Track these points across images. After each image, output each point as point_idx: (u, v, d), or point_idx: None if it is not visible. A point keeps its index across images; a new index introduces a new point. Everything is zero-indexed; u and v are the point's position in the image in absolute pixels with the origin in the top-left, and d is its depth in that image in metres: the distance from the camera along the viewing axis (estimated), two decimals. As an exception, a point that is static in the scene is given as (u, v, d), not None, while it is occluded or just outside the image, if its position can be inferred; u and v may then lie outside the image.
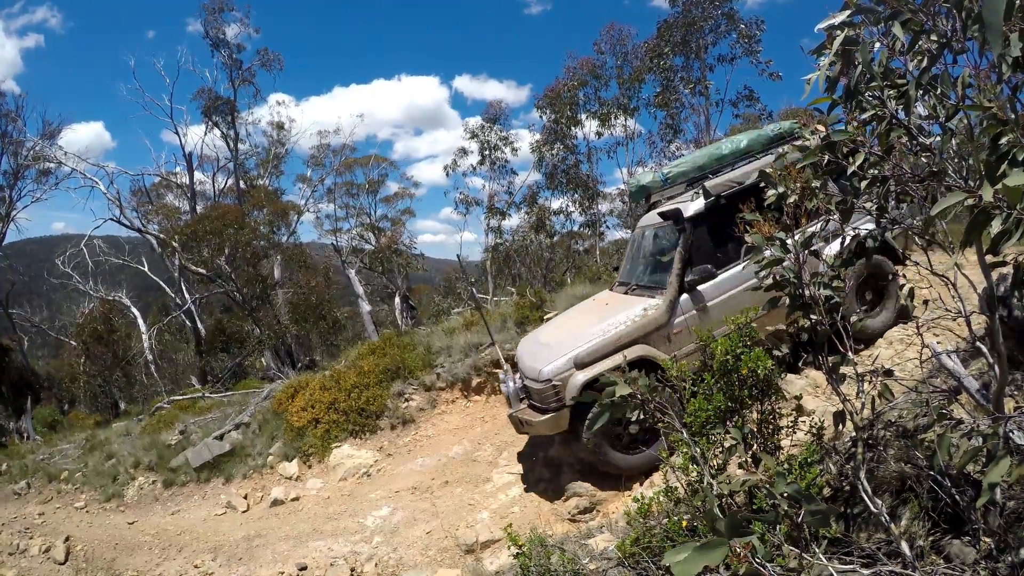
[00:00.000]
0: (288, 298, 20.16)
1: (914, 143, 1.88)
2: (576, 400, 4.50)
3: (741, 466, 2.57)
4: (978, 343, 2.14)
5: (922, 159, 1.91)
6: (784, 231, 2.20)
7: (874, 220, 2.11)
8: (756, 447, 2.65)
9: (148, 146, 57.56)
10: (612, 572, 2.80)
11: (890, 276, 5.13)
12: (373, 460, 6.97)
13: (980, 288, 2.04)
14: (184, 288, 19.91)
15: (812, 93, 1.92)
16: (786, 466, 2.39)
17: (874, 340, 4.95)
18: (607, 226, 20.03)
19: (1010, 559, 1.78)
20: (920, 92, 1.77)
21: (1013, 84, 1.60)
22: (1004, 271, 2.52)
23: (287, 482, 7.03)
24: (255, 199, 21.53)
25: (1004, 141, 1.40)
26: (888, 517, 1.99)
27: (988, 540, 1.87)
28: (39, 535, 6.59)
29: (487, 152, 20.82)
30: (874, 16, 1.76)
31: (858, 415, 2.29)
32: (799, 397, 2.90)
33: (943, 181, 1.82)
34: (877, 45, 1.83)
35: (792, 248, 2.20)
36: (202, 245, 16.47)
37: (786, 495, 1.79)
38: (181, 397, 12.49)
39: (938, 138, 1.88)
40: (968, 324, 2.13)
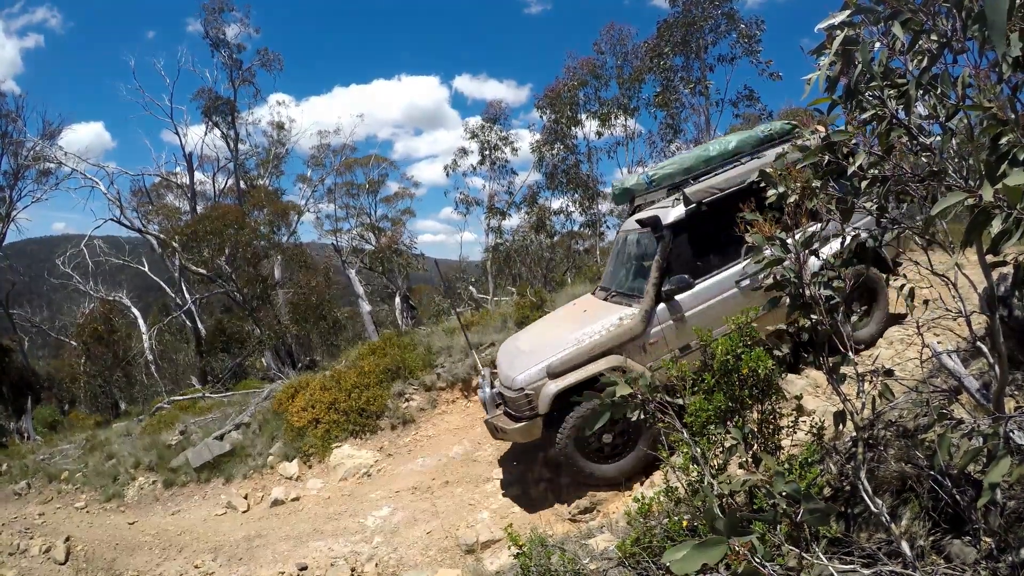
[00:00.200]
0: (288, 298, 20.16)
1: (914, 143, 1.88)
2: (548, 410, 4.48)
3: (741, 466, 2.57)
4: (978, 343, 2.14)
5: (922, 159, 1.91)
6: (784, 231, 2.20)
7: (874, 220, 2.12)
8: (756, 447, 2.65)
9: (148, 146, 57.69)
10: (612, 572, 2.80)
11: (879, 286, 5.02)
12: (373, 460, 6.97)
13: (980, 288, 2.04)
14: (184, 288, 19.92)
15: (812, 93, 1.92)
16: (786, 466, 2.39)
17: (859, 351, 4.86)
18: (607, 226, 20.00)
19: (1011, 559, 1.78)
20: (920, 92, 1.77)
21: (1013, 84, 1.60)
22: (1004, 271, 2.52)
23: (287, 482, 7.04)
24: (255, 199, 21.54)
25: (1004, 141, 1.40)
26: (888, 517, 1.99)
27: (989, 540, 1.87)
28: (39, 535, 6.59)
29: (487, 152, 20.82)
30: (874, 16, 1.76)
31: (858, 415, 2.29)
32: (799, 397, 2.90)
33: (943, 181, 1.82)
34: (877, 45, 1.83)
35: (792, 248, 2.20)
36: (202, 245, 16.47)
37: (786, 495, 1.80)
38: (181, 397, 12.49)
39: (938, 138, 1.88)
40: (968, 324, 2.13)
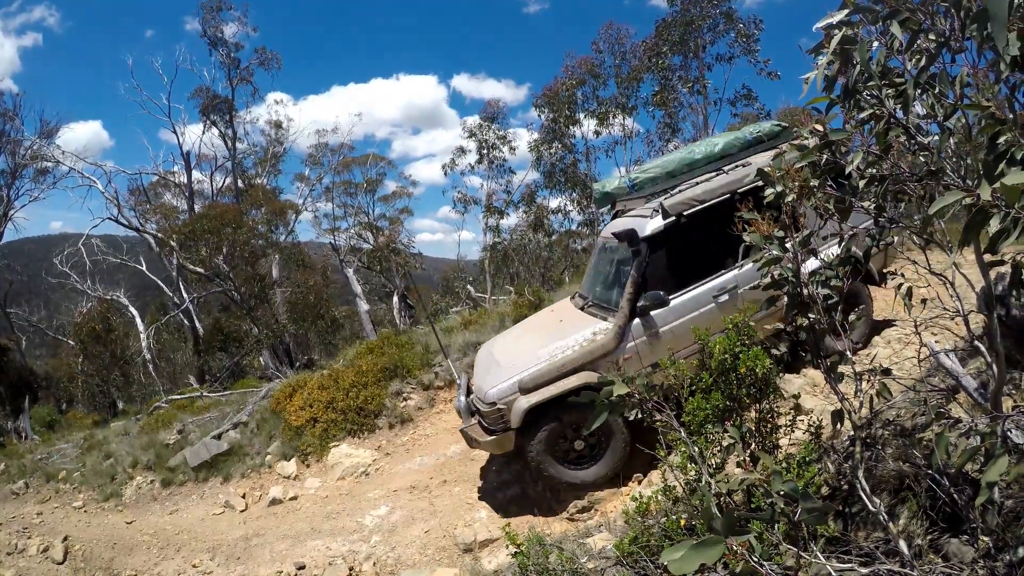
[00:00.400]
0: (286, 297, 20.14)
1: (912, 142, 1.88)
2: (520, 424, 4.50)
3: (739, 465, 2.57)
4: (976, 342, 2.14)
5: (920, 158, 1.92)
6: (784, 229, 2.21)
7: (872, 219, 2.12)
8: (754, 446, 2.65)
9: (146, 145, 57.26)
10: (610, 571, 2.80)
11: (863, 294, 4.87)
12: (371, 459, 6.96)
13: (978, 287, 2.04)
14: (182, 287, 19.88)
15: (810, 92, 1.92)
16: (784, 465, 2.40)
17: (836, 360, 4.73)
18: (605, 225, 19.96)
19: (1008, 558, 1.79)
20: (918, 91, 1.77)
21: (1011, 83, 1.60)
22: (1002, 270, 2.52)
23: (285, 481, 7.03)
24: (253, 198, 21.50)
25: (1002, 140, 1.40)
26: (886, 516, 1.99)
27: (986, 539, 1.87)
28: (37, 535, 6.57)
29: (485, 151, 20.79)
30: (872, 15, 1.76)
31: (856, 414, 2.30)
32: (797, 396, 2.90)
33: (941, 180, 1.82)
34: (875, 44, 1.83)
35: (791, 248, 2.20)
36: (200, 244, 16.43)
37: (784, 494, 1.80)
38: (179, 396, 12.45)
39: (936, 137, 1.88)
40: (966, 323, 2.13)
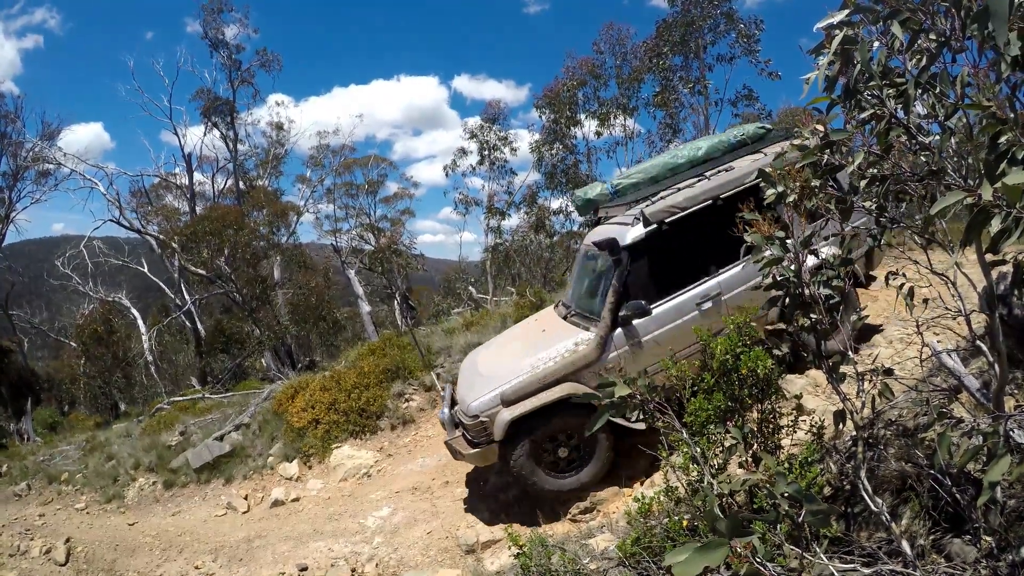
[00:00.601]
0: (288, 299, 20.16)
1: (913, 142, 1.88)
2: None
3: (741, 465, 2.57)
4: (978, 342, 2.14)
5: (921, 158, 1.91)
6: (784, 230, 2.21)
7: (873, 219, 2.12)
8: (756, 446, 2.65)
9: (147, 147, 56.46)
10: (613, 572, 2.80)
11: (849, 298, 4.68)
12: (373, 460, 6.97)
13: (980, 287, 2.04)
14: (184, 289, 19.91)
15: (811, 92, 1.92)
16: (786, 465, 2.39)
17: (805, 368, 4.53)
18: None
19: (1011, 558, 1.78)
20: (919, 91, 1.77)
21: (1012, 83, 1.60)
22: (1004, 270, 2.52)
23: (287, 483, 7.03)
24: (255, 200, 21.52)
25: (1003, 140, 1.40)
26: (889, 516, 1.99)
27: (989, 539, 1.87)
28: (40, 536, 6.59)
29: (486, 152, 20.80)
30: (873, 15, 1.76)
31: (858, 414, 2.29)
32: (799, 396, 2.90)
33: (942, 180, 1.82)
34: (876, 44, 1.83)
35: (791, 248, 2.20)
36: (202, 246, 16.45)
37: (787, 495, 1.79)
38: (181, 398, 12.47)
39: (937, 137, 1.88)
40: (968, 323, 2.13)
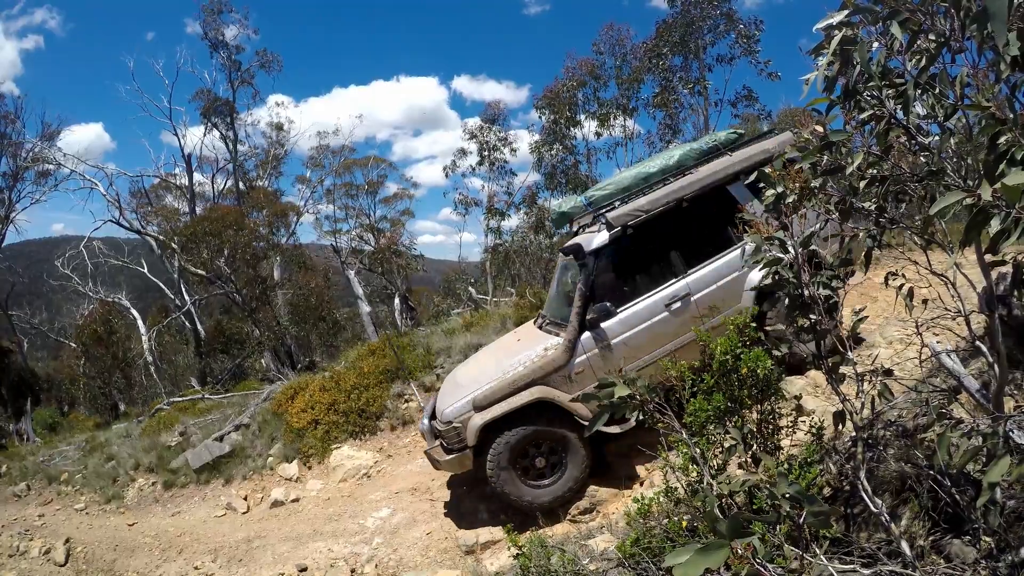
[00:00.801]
0: (288, 299, 20.13)
1: (913, 143, 1.88)
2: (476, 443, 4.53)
3: (741, 466, 2.57)
4: (978, 342, 2.14)
5: (921, 158, 1.92)
6: (783, 229, 2.21)
7: (873, 220, 2.12)
8: (756, 447, 2.65)
9: (147, 147, 56.37)
10: (612, 573, 2.80)
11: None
12: (373, 461, 6.97)
13: (979, 287, 2.04)
14: (184, 289, 19.90)
15: (810, 93, 1.92)
16: (786, 466, 2.39)
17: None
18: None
19: (1010, 558, 1.78)
20: (918, 91, 1.77)
21: (1012, 83, 1.60)
22: (1003, 270, 2.52)
23: (287, 483, 7.03)
24: (254, 200, 21.50)
25: (1003, 140, 1.40)
26: (888, 517, 1.99)
27: (988, 539, 1.87)
28: (39, 537, 6.58)
29: (486, 153, 20.80)
30: (872, 16, 1.76)
31: (858, 415, 2.29)
32: (799, 397, 2.90)
33: (942, 180, 1.82)
34: (875, 45, 1.83)
35: (791, 248, 2.20)
36: (201, 246, 16.42)
37: (787, 495, 1.79)
38: (181, 399, 12.46)
39: (937, 137, 1.88)
40: (968, 323, 2.13)
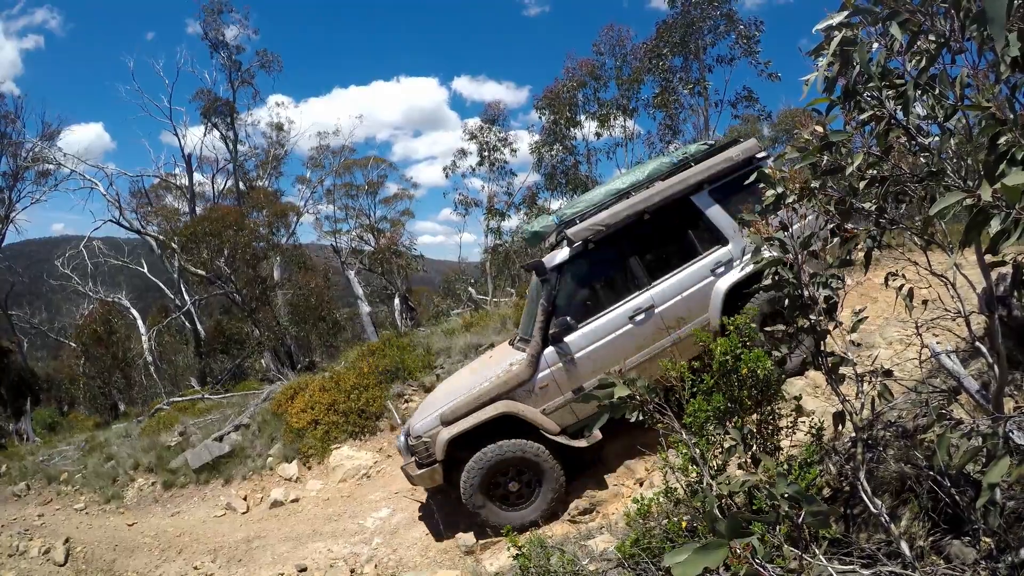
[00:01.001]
0: (288, 299, 20.12)
1: (913, 143, 1.88)
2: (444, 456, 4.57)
3: (741, 467, 2.57)
4: (977, 343, 2.14)
5: (921, 159, 1.92)
6: (783, 229, 2.21)
7: (873, 221, 2.11)
8: (756, 448, 2.65)
9: (147, 148, 56.29)
10: (612, 573, 2.80)
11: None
12: (373, 461, 6.96)
13: (979, 288, 2.04)
14: (184, 289, 19.89)
15: (810, 94, 1.92)
16: (786, 467, 2.39)
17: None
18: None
19: (1010, 559, 1.78)
20: (918, 92, 1.77)
21: (1012, 84, 1.60)
22: (1003, 271, 2.52)
23: (287, 483, 7.03)
24: (254, 200, 21.51)
25: (1003, 141, 1.40)
26: (888, 517, 1.99)
27: (988, 540, 1.87)
28: (39, 537, 6.58)
29: (486, 153, 20.82)
30: (872, 16, 1.76)
31: (858, 415, 2.29)
32: (799, 398, 2.89)
33: (942, 181, 1.82)
34: (875, 45, 1.83)
35: (791, 249, 2.20)
36: (201, 246, 16.42)
37: (786, 496, 1.79)
38: (180, 399, 12.46)
39: (937, 138, 1.88)
40: (968, 324, 2.13)
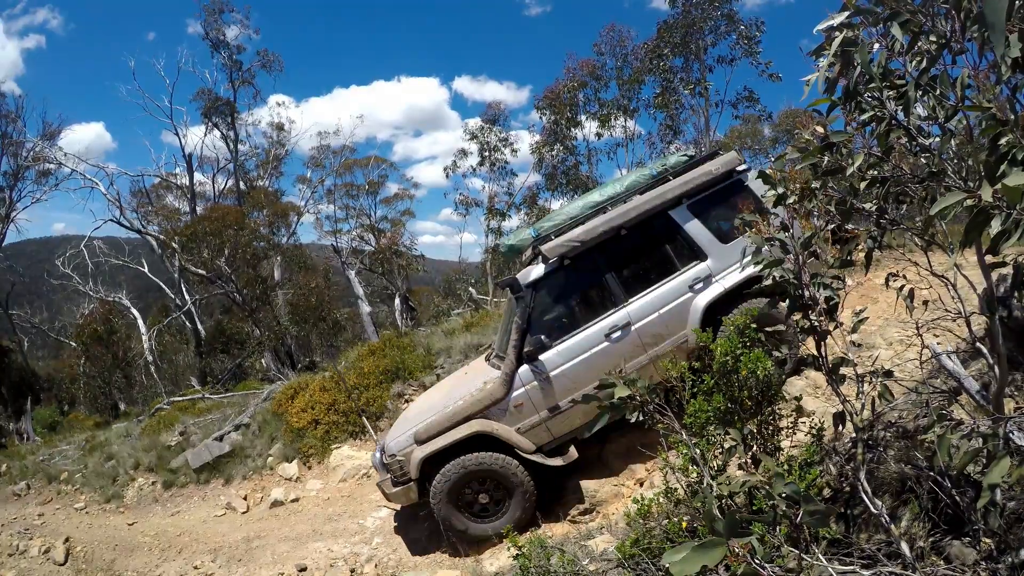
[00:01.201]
0: (288, 299, 20.12)
1: (913, 144, 1.89)
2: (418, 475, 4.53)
3: (741, 467, 2.57)
4: (978, 344, 2.14)
5: (921, 160, 1.92)
6: (783, 229, 2.21)
7: (874, 220, 2.12)
8: (756, 448, 2.65)
9: (148, 147, 56.16)
10: (612, 573, 2.80)
11: (784, 325, 4.24)
12: (373, 461, 6.97)
13: (980, 289, 2.04)
14: (184, 289, 19.89)
15: (811, 94, 1.92)
16: (786, 467, 2.39)
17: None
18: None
19: (1010, 560, 1.78)
20: (919, 93, 1.77)
21: (1012, 85, 1.60)
22: (1004, 272, 2.52)
23: (287, 483, 7.03)
24: (255, 200, 21.52)
25: (1003, 141, 1.40)
26: (888, 518, 1.99)
27: (988, 541, 1.87)
28: (39, 536, 6.58)
29: (487, 153, 20.82)
30: (873, 17, 1.76)
31: (858, 416, 2.29)
32: (799, 398, 2.89)
33: (942, 182, 1.82)
34: (876, 46, 1.83)
35: (792, 250, 2.20)
36: (202, 246, 16.44)
37: (786, 496, 1.79)
38: (181, 398, 12.46)
39: (937, 139, 1.88)
40: (968, 325, 2.13)
